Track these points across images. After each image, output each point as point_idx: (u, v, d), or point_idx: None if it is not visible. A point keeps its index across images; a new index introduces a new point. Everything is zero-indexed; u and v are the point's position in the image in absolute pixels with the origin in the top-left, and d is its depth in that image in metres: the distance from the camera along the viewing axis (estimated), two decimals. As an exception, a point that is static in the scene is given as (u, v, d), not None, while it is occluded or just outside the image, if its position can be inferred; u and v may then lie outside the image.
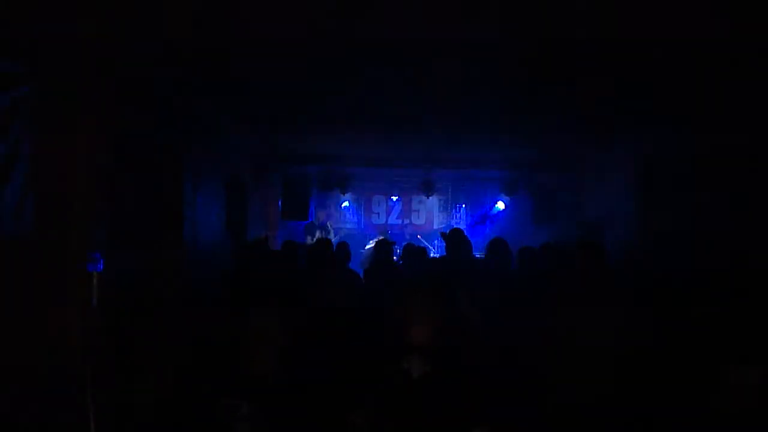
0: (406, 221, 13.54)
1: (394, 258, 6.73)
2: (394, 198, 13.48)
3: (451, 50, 4.02)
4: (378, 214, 13.65)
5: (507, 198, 11.78)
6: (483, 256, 6.54)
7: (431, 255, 8.78)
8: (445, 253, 6.22)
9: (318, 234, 10.94)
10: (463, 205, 13.89)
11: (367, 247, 11.44)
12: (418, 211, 13.71)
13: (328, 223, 11.86)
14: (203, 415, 2.44)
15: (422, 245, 10.37)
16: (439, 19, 3.44)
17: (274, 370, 2.44)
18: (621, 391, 3.25)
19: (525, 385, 3.79)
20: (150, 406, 3.53)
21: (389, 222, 13.51)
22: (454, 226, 8.81)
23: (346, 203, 13.02)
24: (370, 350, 2.60)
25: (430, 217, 13.80)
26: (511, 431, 3.20)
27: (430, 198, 12.09)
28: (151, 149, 4.71)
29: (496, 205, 12.53)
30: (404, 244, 7.58)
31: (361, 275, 5.38)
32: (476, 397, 2.30)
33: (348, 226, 13.41)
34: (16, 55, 2.76)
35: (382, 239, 7.22)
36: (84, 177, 3.41)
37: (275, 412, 2.36)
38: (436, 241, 12.52)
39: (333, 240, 9.53)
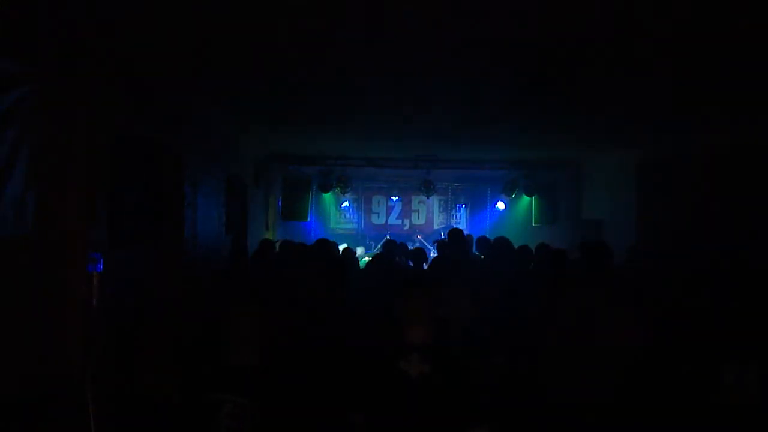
0: (406, 221, 13.55)
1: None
2: (394, 198, 13.49)
3: (452, 50, 4.02)
4: (378, 214, 13.66)
5: (507, 198, 11.79)
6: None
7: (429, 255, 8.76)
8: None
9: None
10: (463, 205, 13.90)
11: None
12: (418, 211, 13.73)
13: None
14: (191, 411, 2.44)
15: (422, 245, 10.39)
16: (440, 19, 3.44)
17: (255, 365, 2.45)
18: (621, 389, 3.25)
19: (524, 385, 3.80)
20: (150, 406, 3.53)
21: (389, 222, 13.53)
22: (454, 226, 8.84)
23: (346, 203, 13.03)
24: (368, 350, 2.60)
25: (430, 217, 13.82)
26: (511, 431, 3.21)
27: (430, 198, 12.11)
28: (151, 149, 4.71)
29: (496, 205, 12.56)
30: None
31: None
32: (475, 397, 2.30)
33: (348, 226, 13.43)
34: (16, 55, 2.76)
35: (389, 239, 7.26)
36: (84, 177, 3.41)
37: (259, 406, 2.37)
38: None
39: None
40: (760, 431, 2.36)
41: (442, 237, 11.78)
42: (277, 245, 6.35)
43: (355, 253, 7.40)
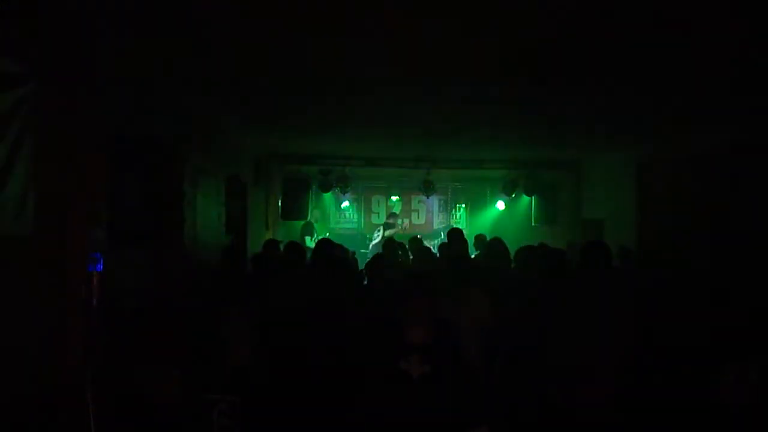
0: (406, 221, 13.54)
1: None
2: (394, 198, 13.47)
3: (452, 51, 4.02)
4: (378, 214, 13.65)
5: (507, 198, 11.76)
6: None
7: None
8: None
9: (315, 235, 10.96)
10: (463, 205, 13.90)
11: (373, 242, 11.58)
12: (417, 210, 13.72)
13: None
14: (187, 410, 2.45)
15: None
16: (440, 20, 3.44)
17: (249, 366, 2.46)
18: (622, 389, 3.25)
19: (525, 385, 3.80)
20: (150, 406, 3.53)
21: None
22: (454, 226, 8.85)
23: (346, 203, 13.02)
24: (369, 350, 2.60)
25: (430, 217, 13.81)
26: (511, 431, 3.21)
27: (430, 198, 12.08)
28: (151, 149, 4.71)
29: (496, 205, 12.55)
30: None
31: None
32: (476, 396, 2.30)
33: (348, 226, 13.43)
34: (16, 55, 2.76)
35: (390, 239, 7.27)
36: (84, 177, 3.41)
37: (253, 406, 2.38)
38: (435, 242, 12.53)
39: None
40: (762, 427, 2.36)
41: (442, 237, 11.80)
42: (281, 245, 6.36)
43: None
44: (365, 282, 5.30)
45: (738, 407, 2.41)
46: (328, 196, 12.02)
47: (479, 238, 8.67)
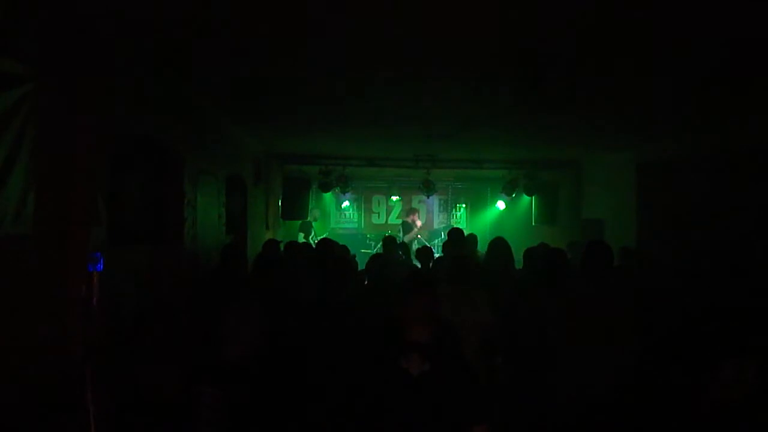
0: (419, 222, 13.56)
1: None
2: (394, 198, 13.48)
3: (452, 53, 4.02)
4: (378, 214, 13.66)
5: (507, 198, 11.77)
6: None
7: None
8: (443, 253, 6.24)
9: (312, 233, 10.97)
10: (464, 205, 13.91)
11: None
12: (418, 210, 13.73)
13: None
14: (174, 403, 2.47)
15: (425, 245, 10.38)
16: (438, 21, 3.44)
17: (243, 361, 2.47)
18: (622, 387, 3.26)
19: (525, 384, 3.80)
20: (150, 406, 3.53)
21: (389, 222, 13.53)
22: (454, 226, 8.84)
23: (346, 203, 13.03)
24: (368, 348, 2.61)
25: (430, 217, 13.83)
26: (511, 431, 3.21)
27: (430, 198, 12.12)
28: (151, 149, 4.71)
29: (496, 205, 12.56)
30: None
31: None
32: (476, 396, 2.30)
33: (347, 225, 13.45)
34: (17, 55, 2.76)
35: (388, 236, 7.28)
36: (84, 177, 3.41)
37: (239, 400, 2.39)
38: (435, 241, 12.55)
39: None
40: (759, 426, 2.36)
41: (442, 237, 11.80)
42: (282, 245, 6.38)
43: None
44: (365, 281, 5.30)
45: (734, 405, 2.42)
46: (328, 196, 12.03)
47: (472, 238, 8.66)
